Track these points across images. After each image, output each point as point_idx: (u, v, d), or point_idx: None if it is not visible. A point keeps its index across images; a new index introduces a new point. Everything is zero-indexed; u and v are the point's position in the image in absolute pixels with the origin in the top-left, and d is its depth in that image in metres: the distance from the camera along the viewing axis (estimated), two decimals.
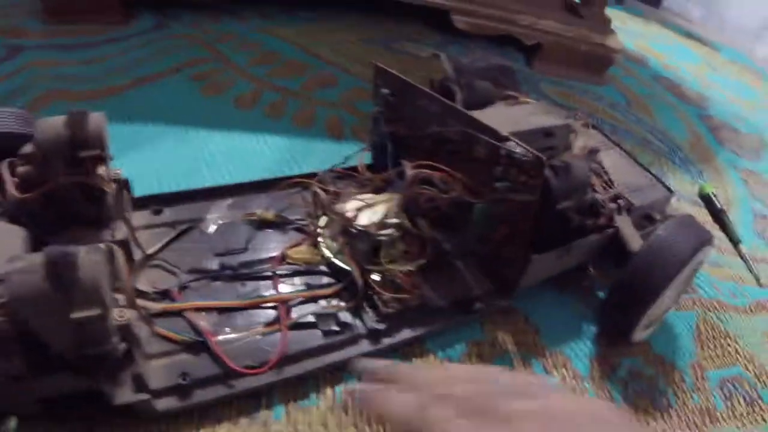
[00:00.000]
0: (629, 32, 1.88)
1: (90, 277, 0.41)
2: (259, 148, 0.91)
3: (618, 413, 0.41)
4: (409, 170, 0.65)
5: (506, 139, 0.60)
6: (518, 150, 0.59)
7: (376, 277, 0.64)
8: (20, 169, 0.54)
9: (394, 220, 0.66)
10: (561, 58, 1.41)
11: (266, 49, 1.20)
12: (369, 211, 0.66)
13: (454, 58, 0.83)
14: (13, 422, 0.46)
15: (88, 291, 0.41)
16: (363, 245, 0.64)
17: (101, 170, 0.55)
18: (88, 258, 0.42)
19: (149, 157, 0.85)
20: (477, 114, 0.66)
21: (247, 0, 1.37)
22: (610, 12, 1.47)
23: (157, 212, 0.70)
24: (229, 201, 0.72)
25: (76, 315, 0.41)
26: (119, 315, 0.46)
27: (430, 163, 0.65)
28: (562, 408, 0.39)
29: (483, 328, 0.69)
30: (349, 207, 0.67)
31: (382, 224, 0.65)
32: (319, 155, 0.89)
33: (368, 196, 0.70)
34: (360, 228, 0.64)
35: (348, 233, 0.65)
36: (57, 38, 1.11)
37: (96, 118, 0.55)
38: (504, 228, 0.65)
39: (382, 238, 0.65)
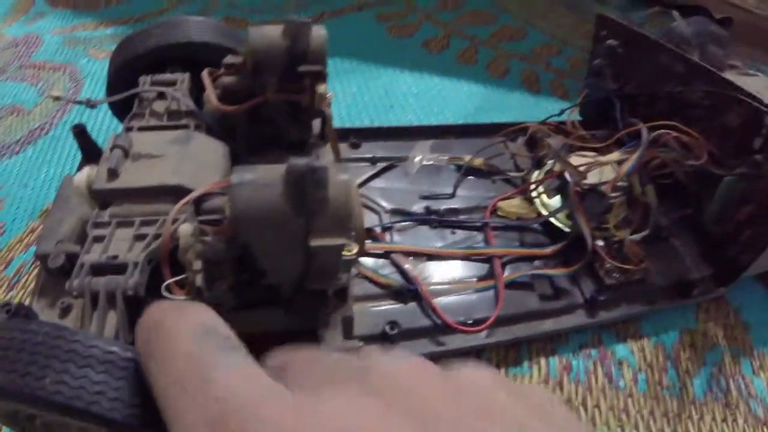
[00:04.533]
0: None
1: (341, 200, 0.31)
2: (453, 93, 0.80)
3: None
4: (646, 131, 0.53)
5: None
6: None
7: (600, 242, 0.52)
8: (225, 80, 0.44)
9: (623, 183, 0.54)
10: (751, 39, 1.22)
11: None
12: (597, 170, 0.54)
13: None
14: None
15: (336, 217, 0.31)
16: (593, 206, 0.52)
17: (322, 89, 0.45)
18: (339, 178, 0.32)
19: (338, 92, 0.76)
20: None
21: None
22: None
23: (355, 146, 0.61)
24: (431, 143, 0.61)
25: (317, 243, 0.32)
26: (347, 249, 0.37)
27: (674, 124, 0.53)
28: None
29: (696, 317, 0.57)
30: (575, 163, 0.55)
31: (614, 186, 0.53)
32: (516, 107, 0.77)
33: (590, 154, 0.58)
34: (591, 186, 0.53)
35: (568, 191, 0.54)
36: None
37: (319, 31, 0.43)
38: (747, 207, 0.52)
39: (613, 200, 0.53)
